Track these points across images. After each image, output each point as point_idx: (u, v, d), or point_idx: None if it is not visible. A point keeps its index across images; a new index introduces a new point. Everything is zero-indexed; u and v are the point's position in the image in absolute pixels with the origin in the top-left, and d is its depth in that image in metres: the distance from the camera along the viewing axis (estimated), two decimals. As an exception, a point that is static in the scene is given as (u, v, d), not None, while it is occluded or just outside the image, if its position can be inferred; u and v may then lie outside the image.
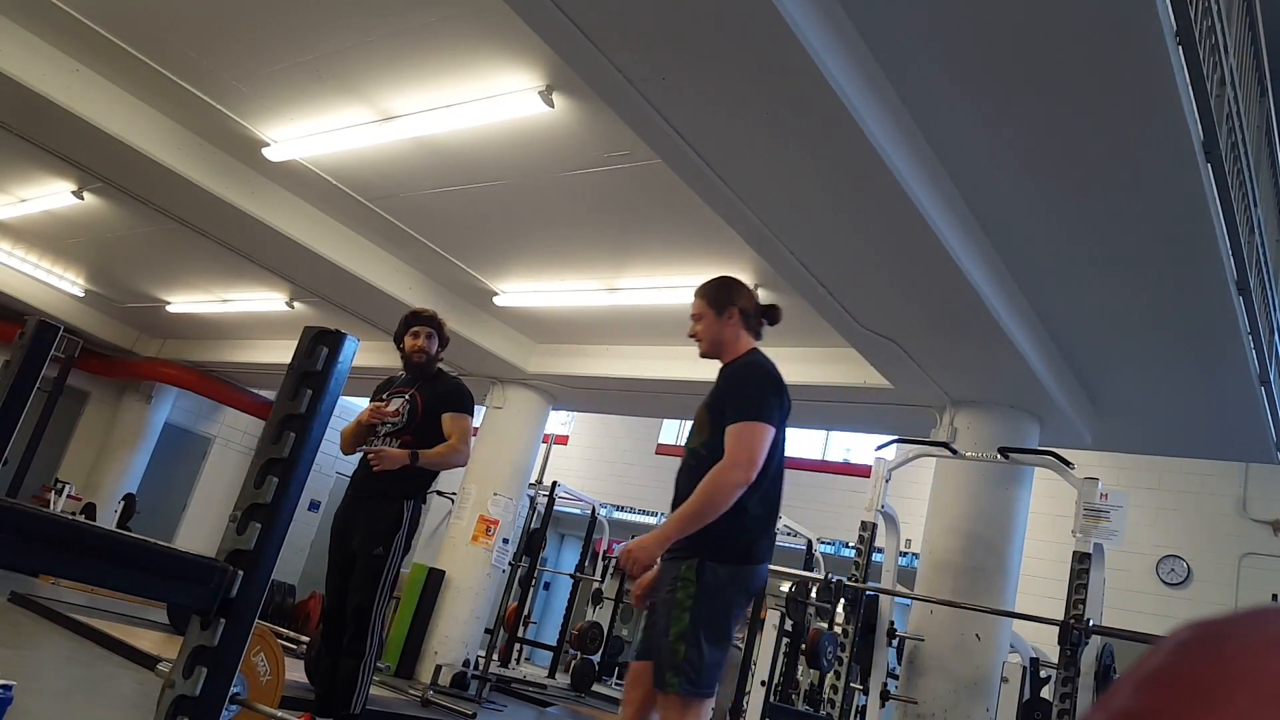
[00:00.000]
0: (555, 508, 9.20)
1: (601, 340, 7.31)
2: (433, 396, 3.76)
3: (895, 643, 5.09)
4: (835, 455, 11.95)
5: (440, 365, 3.93)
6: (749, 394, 2.53)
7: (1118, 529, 4.25)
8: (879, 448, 5.35)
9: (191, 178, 5.61)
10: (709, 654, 2.28)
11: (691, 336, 2.72)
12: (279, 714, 2.42)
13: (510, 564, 8.01)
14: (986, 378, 5.12)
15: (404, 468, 3.57)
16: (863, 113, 3.16)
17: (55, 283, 9.75)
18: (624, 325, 6.92)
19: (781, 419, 2.53)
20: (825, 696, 5.16)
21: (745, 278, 5.58)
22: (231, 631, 1.47)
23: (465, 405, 3.78)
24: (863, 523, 4.97)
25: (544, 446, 8.93)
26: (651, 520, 11.85)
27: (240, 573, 1.48)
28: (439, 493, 12.12)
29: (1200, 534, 8.70)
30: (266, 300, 8.50)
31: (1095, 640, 4.16)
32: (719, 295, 2.65)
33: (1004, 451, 4.75)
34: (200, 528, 12.28)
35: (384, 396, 3.86)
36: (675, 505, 2.47)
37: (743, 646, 6.96)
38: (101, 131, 5.20)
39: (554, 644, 9.96)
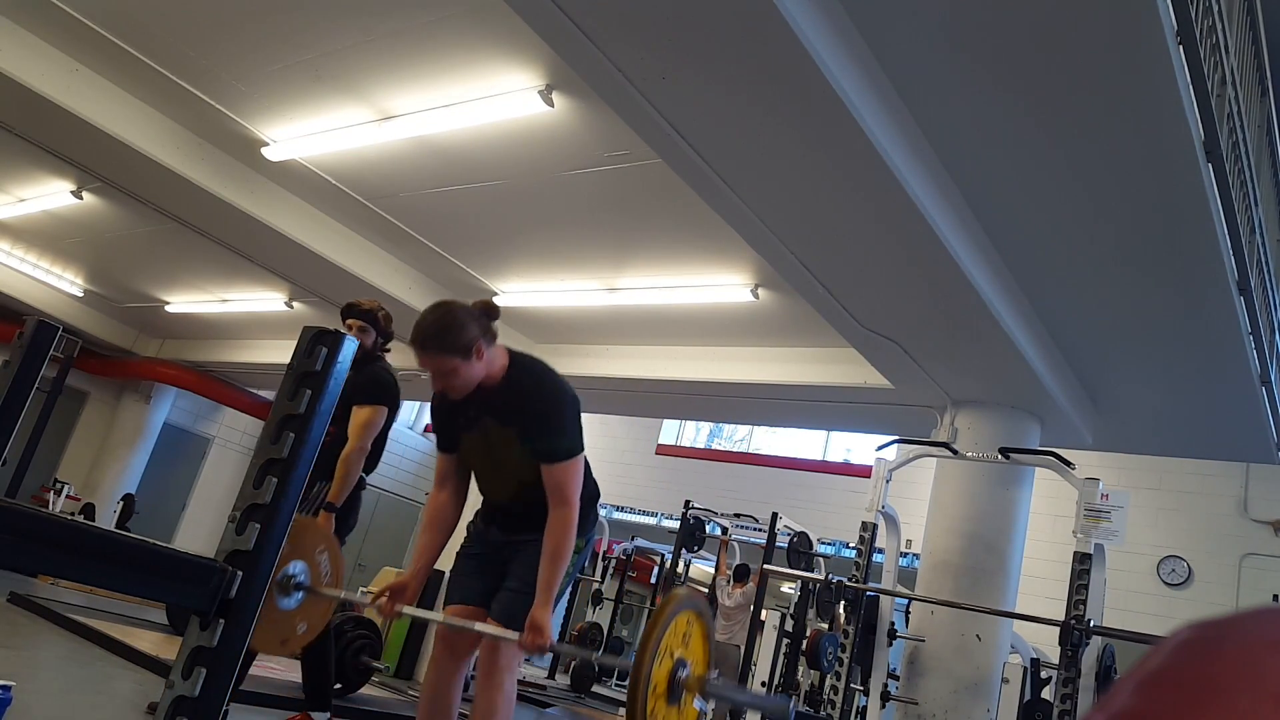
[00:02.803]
0: (555, 508, 9.17)
1: (601, 340, 7.31)
2: (352, 386, 3.66)
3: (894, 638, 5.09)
4: (835, 455, 11.95)
5: (381, 356, 3.82)
6: (568, 428, 2.40)
7: (1118, 529, 4.24)
8: (879, 448, 5.34)
9: (191, 177, 5.61)
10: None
11: (444, 391, 2.38)
12: (343, 594, 2.48)
13: (510, 564, 7.98)
14: (987, 378, 5.12)
15: (329, 455, 3.50)
16: (863, 111, 3.16)
17: (54, 283, 9.76)
18: (624, 325, 6.92)
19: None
20: (825, 697, 5.16)
21: (745, 278, 5.63)
22: (231, 632, 1.47)
23: (372, 395, 3.63)
24: (863, 523, 4.96)
25: (544, 446, 8.90)
26: (651, 520, 11.86)
27: (239, 573, 1.48)
28: (439, 493, 12.10)
29: (1201, 534, 8.70)
30: (266, 300, 8.50)
31: (1096, 641, 4.15)
32: (461, 340, 2.28)
33: (1004, 452, 4.75)
34: (200, 528, 12.28)
35: None
36: (510, 521, 2.50)
37: (743, 648, 6.96)
38: (101, 131, 5.20)
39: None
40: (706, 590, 8.46)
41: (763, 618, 6.94)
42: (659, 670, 2.00)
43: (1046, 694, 5.86)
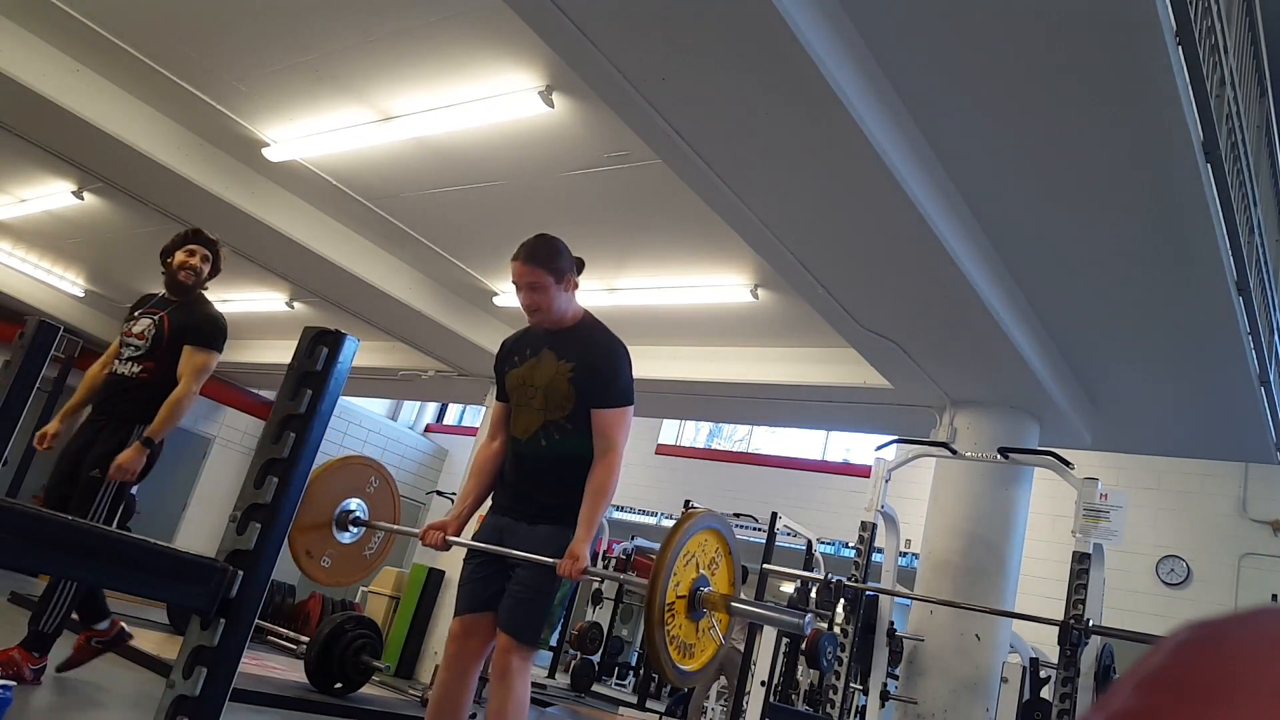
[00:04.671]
0: (555, 508, 9.17)
1: (601, 340, 7.30)
2: (182, 323, 3.46)
3: (890, 644, 5.09)
4: (835, 455, 11.95)
5: (203, 292, 3.63)
6: (622, 376, 2.56)
7: (1117, 529, 4.24)
8: (879, 448, 5.35)
9: (191, 178, 5.61)
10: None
11: (529, 308, 2.56)
12: (400, 528, 2.73)
13: (510, 564, 7.98)
14: (986, 378, 5.12)
15: (142, 397, 3.31)
16: (862, 112, 3.16)
17: (55, 283, 9.75)
18: (624, 325, 6.86)
19: None
20: (825, 696, 5.16)
21: (745, 278, 5.63)
22: (231, 631, 1.47)
23: (210, 340, 3.46)
24: (862, 523, 4.96)
25: (544, 446, 8.89)
26: (651, 520, 11.86)
27: (240, 573, 1.49)
28: (439, 493, 12.11)
29: (1200, 534, 8.70)
30: (266, 300, 8.50)
31: (1095, 640, 4.15)
32: (558, 263, 2.54)
33: (1004, 452, 4.75)
34: (200, 528, 12.28)
35: (135, 315, 3.55)
36: (526, 478, 2.56)
37: (742, 646, 6.96)
38: (101, 131, 5.20)
39: (554, 644, 9.96)
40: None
41: (762, 617, 6.93)
42: (683, 571, 2.07)
43: (1045, 693, 5.86)
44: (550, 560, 2.37)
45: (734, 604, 2.25)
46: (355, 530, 2.72)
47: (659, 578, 2.03)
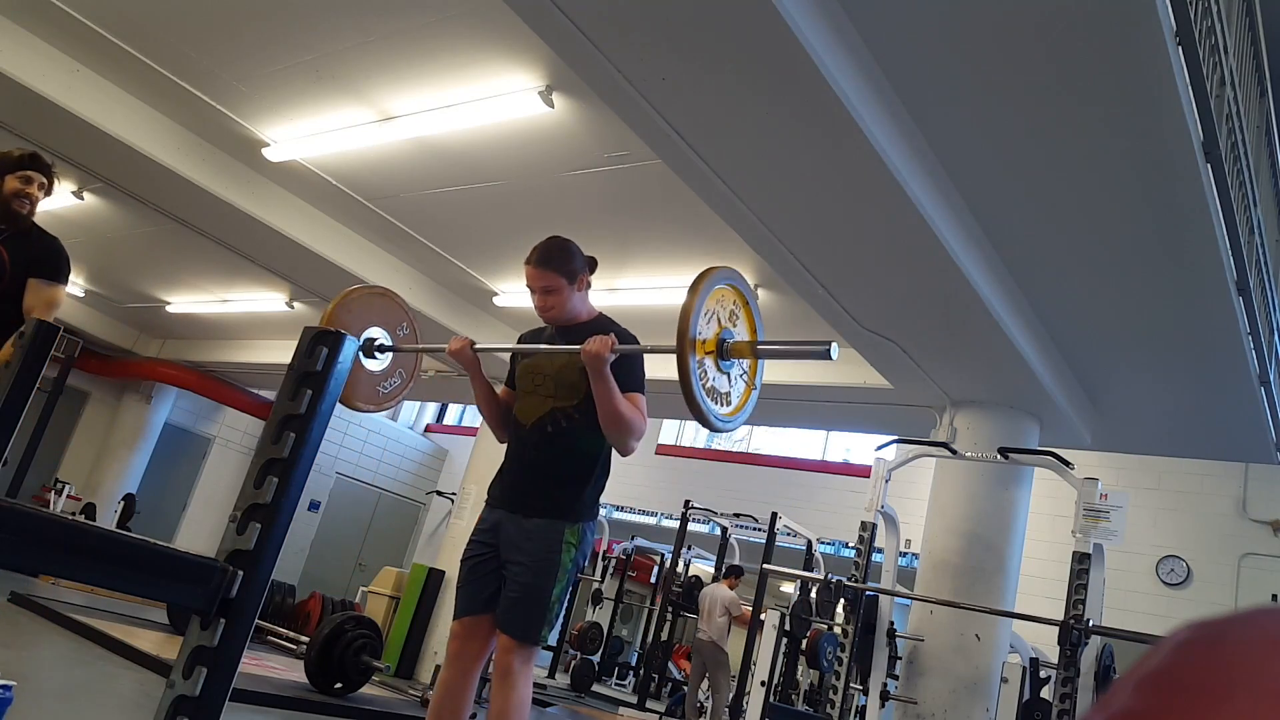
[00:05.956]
0: (555, 508, 9.17)
1: (601, 340, 7.30)
2: (25, 254, 3.19)
3: (890, 645, 5.09)
4: (835, 455, 11.96)
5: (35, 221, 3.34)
6: (638, 367, 2.65)
7: (1117, 529, 4.24)
8: (879, 448, 5.35)
9: (191, 178, 5.61)
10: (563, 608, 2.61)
11: (543, 310, 2.65)
12: (424, 347, 2.79)
13: (510, 564, 7.98)
14: (986, 378, 5.12)
15: None
16: (863, 113, 3.16)
17: (55, 283, 9.74)
18: (624, 325, 6.91)
19: None
20: (825, 696, 5.16)
21: (745, 278, 5.62)
22: (231, 631, 1.47)
23: (59, 272, 3.24)
24: (863, 523, 4.96)
25: (544, 446, 8.89)
26: (651, 520, 11.85)
27: (240, 573, 1.49)
28: (439, 493, 12.11)
29: (1200, 534, 8.69)
30: (266, 300, 8.50)
31: (1095, 640, 4.15)
32: (570, 265, 2.63)
33: (1004, 452, 4.75)
34: (200, 528, 12.28)
35: None
36: (525, 469, 2.57)
37: (743, 647, 6.96)
38: (101, 131, 5.20)
39: (553, 644, 9.96)
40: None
41: (762, 617, 6.95)
42: (705, 327, 2.25)
43: (1045, 693, 5.86)
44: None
45: (759, 347, 2.39)
46: (380, 358, 2.70)
47: (686, 328, 2.16)
